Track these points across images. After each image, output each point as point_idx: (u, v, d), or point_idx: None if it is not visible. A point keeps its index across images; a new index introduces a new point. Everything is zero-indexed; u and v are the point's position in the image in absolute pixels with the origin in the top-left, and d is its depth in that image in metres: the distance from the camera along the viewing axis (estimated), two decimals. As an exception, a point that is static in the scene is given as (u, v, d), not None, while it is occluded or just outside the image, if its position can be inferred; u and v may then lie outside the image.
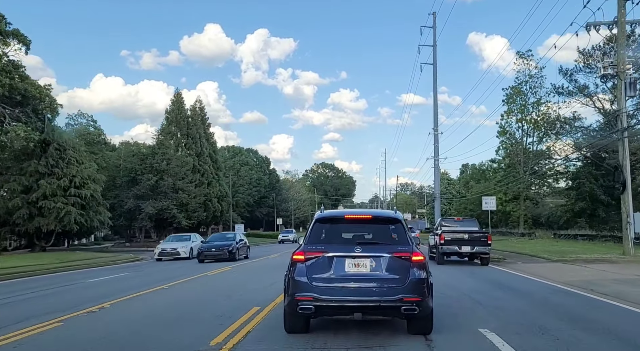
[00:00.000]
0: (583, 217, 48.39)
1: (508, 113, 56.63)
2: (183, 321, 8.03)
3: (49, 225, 29.45)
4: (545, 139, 55.30)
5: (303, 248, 6.55)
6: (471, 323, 7.52)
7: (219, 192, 53.15)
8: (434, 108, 43.00)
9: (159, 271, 19.38)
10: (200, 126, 53.03)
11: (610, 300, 10.12)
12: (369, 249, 6.39)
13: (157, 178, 43.25)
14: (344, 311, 6.27)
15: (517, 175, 55.49)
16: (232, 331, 6.97)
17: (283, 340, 6.41)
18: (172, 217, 43.44)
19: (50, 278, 17.72)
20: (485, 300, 10.02)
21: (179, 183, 44.45)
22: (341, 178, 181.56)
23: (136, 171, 43.07)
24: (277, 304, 9.26)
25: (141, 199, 42.90)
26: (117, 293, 11.86)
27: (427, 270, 6.45)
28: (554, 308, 9.17)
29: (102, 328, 7.69)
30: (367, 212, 7.99)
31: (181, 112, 50.89)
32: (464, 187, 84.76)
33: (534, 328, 7.14)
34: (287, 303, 6.44)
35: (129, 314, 9.09)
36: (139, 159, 43.65)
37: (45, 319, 8.32)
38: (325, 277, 6.23)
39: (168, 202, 43.34)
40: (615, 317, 8.43)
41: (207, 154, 52.20)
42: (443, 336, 6.58)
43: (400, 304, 6.07)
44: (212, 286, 13.62)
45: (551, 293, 11.35)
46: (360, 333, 6.71)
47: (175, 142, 50.67)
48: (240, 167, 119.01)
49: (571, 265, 18.78)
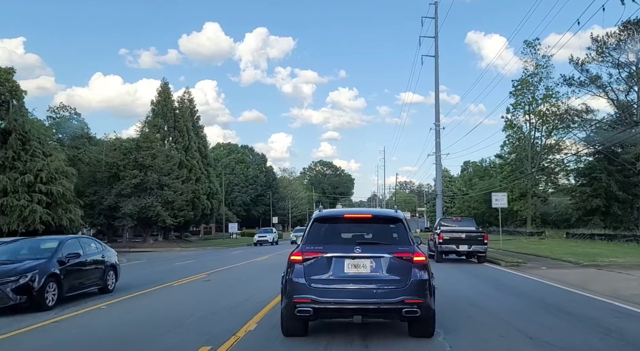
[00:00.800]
0: (596, 214, 45.43)
1: (515, 106, 53.57)
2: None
3: (10, 225, 26.33)
4: (555, 133, 52.27)
5: (301, 248, 6.25)
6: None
7: (209, 188, 50.06)
8: (435, 102, 40.81)
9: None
10: (188, 119, 49.94)
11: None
12: (369, 249, 6.17)
13: (142, 174, 40.12)
14: (343, 313, 6.08)
15: (524, 171, 52.47)
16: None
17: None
18: (157, 215, 40.32)
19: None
20: (535, 331, 6.92)
21: (165, 179, 41.33)
22: (339, 177, 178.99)
23: (118, 166, 39.88)
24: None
25: (123, 196, 39.79)
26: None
27: (429, 271, 6.21)
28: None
29: None
30: (367, 211, 7.76)
31: (168, 104, 47.78)
32: (467, 185, 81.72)
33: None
34: (284, 306, 6.23)
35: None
36: (121, 153, 40.48)
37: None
38: (324, 278, 6.01)
39: (152, 199, 40.24)
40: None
41: (196, 148, 49.10)
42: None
43: (402, 306, 5.86)
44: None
45: (617, 317, 8.26)
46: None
47: (161, 136, 47.56)
48: (236, 165, 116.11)
49: (608, 271, 15.74)
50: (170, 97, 48.54)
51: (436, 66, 39.81)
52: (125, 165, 40.04)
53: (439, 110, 41.27)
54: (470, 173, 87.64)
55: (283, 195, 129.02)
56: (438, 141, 41.70)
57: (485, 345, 6.27)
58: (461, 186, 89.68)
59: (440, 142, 41.83)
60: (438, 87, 41.96)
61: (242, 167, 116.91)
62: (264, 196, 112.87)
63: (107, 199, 39.03)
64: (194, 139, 49.08)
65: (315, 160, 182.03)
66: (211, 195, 50.93)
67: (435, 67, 39.87)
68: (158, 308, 9.85)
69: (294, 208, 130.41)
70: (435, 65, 40.03)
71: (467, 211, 66.05)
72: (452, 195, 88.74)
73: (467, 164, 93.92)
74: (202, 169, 49.43)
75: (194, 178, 47.23)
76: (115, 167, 39.92)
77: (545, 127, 52.52)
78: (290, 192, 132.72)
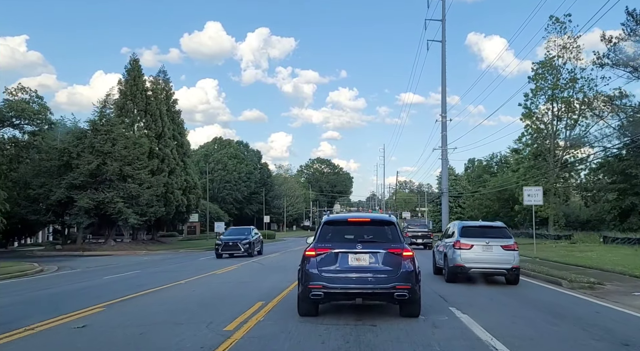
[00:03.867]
0: (632, 215, 39.05)
1: (535, 91, 47.07)
2: None
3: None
4: (581, 122, 45.82)
5: (314, 245, 7.62)
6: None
7: (185, 182, 43.51)
8: (441, 92, 37.80)
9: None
10: (162, 102, 43.38)
11: None
12: (368, 246, 7.52)
13: (98, 162, 33.63)
14: (347, 296, 7.54)
15: (547, 165, 46.05)
16: None
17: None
18: (117, 212, 33.81)
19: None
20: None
21: (127, 169, 34.78)
22: (337, 175, 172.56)
23: (70, 153, 33.34)
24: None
25: (77, 189, 33.30)
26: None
27: (415, 263, 7.52)
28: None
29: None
30: (366, 216, 9.18)
31: (138, 84, 41.22)
32: (474, 183, 75.16)
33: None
34: (301, 291, 7.61)
35: None
36: (74, 138, 33.94)
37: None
38: (332, 269, 7.38)
39: (112, 192, 33.73)
40: None
41: (170, 136, 42.53)
42: None
43: (393, 291, 7.24)
44: None
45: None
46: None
47: (130, 121, 41.07)
48: (228, 160, 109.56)
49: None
50: (141, 76, 41.96)
51: (443, 52, 37.08)
52: (80, 152, 33.50)
53: (446, 101, 38.39)
54: (475, 171, 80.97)
55: (278, 193, 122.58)
56: (444, 134, 37.68)
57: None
58: (467, 185, 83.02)
59: (446, 135, 38.25)
60: (445, 75, 38.37)
61: (235, 162, 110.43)
62: (258, 194, 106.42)
63: (56, 192, 32.49)
64: (169, 126, 42.50)
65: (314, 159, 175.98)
66: (188, 189, 44.36)
67: (442, 54, 37.13)
68: None
69: (290, 206, 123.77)
70: (442, 51, 36.98)
71: (477, 210, 59.57)
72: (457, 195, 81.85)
73: (471, 162, 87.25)
74: (177, 160, 42.86)
75: (167, 169, 40.68)
76: (67, 154, 33.36)
77: (570, 116, 46.10)
78: (285, 190, 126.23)
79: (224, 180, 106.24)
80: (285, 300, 9.91)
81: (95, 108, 35.64)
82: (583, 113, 45.41)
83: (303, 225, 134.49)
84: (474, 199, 63.23)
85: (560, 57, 45.45)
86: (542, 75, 46.32)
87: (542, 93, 46.37)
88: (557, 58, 45.63)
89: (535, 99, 47.11)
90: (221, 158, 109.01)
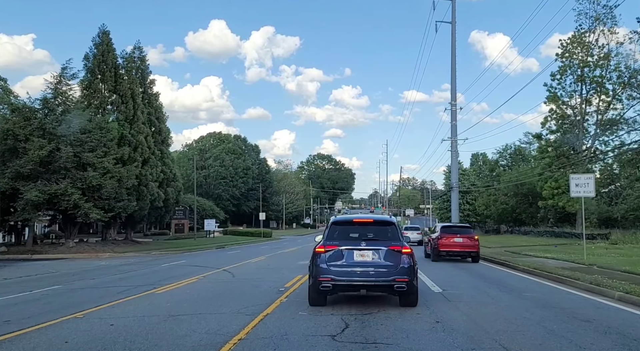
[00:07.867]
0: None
1: (562, 71, 41.41)
2: None
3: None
4: (615, 103, 40.12)
5: (323, 243, 8.63)
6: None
7: (162, 173, 37.99)
8: (451, 79, 34.47)
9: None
10: (136, 82, 37.84)
11: None
12: (371, 244, 8.51)
13: (51, 147, 28.13)
14: (353, 288, 8.49)
15: (575, 155, 40.38)
16: None
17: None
18: (74, 206, 28.35)
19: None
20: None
21: (88, 156, 29.26)
22: (339, 171, 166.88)
23: (16, 135, 27.85)
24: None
25: (24, 179, 27.85)
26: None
27: (413, 259, 8.55)
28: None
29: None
30: (369, 217, 9.65)
31: (108, 60, 35.71)
32: (487, 177, 69.27)
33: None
34: (311, 283, 8.58)
35: None
36: (22, 118, 28.42)
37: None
38: (339, 264, 8.36)
39: (66, 183, 28.24)
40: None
41: (145, 121, 37.00)
42: None
43: (393, 283, 8.23)
44: None
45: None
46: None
47: (99, 101, 35.54)
48: (225, 155, 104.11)
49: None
50: (112, 51, 36.43)
51: (453, 35, 34.43)
52: (28, 135, 27.98)
53: (456, 88, 34.61)
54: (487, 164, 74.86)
55: (277, 190, 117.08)
56: (454, 124, 35.01)
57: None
58: (475, 180, 77.01)
59: (456, 125, 35.21)
60: (455, 58, 34.56)
61: (232, 157, 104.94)
62: (255, 190, 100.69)
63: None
64: (142, 108, 36.95)
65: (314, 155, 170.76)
66: (165, 182, 38.83)
67: (452, 35, 34.44)
68: None
69: (290, 203, 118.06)
70: (452, 34, 34.38)
71: (493, 206, 53.85)
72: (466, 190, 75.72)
73: (475, 157, 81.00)
74: (153, 148, 37.35)
75: (139, 159, 35.15)
76: (11, 136, 27.85)
77: (603, 98, 40.41)
78: (285, 186, 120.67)
79: (220, 176, 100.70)
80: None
81: (48, 84, 30.04)
82: (617, 95, 39.78)
83: (303, 222, 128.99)
84: (489, 194, 57.39)
85: (592, 32, 39.79)
86: (571, 52, 40.67)
87: (571, 72, 40.72)
88: (588, 33, 39.99)
89: (562, 79, 41.51)
90: (219, 154, 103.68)
